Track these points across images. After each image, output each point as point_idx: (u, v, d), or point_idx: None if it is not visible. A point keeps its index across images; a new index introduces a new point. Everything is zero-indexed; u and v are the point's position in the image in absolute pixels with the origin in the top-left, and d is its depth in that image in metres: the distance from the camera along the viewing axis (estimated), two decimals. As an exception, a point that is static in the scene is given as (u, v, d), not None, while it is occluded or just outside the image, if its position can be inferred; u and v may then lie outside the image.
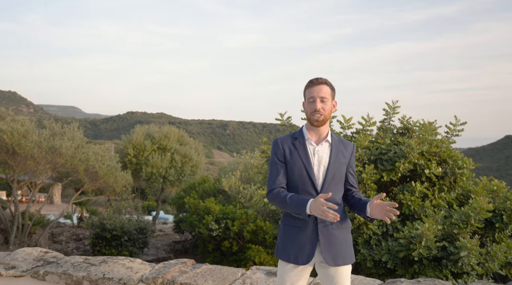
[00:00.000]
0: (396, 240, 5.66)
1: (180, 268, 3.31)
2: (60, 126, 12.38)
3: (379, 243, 5.87)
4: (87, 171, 11.83)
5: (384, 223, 5.93)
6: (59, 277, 3.22)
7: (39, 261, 3.50)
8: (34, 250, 3.70)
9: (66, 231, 14.28)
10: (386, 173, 6.23)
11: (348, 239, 2.65)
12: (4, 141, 10.71)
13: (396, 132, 7.09)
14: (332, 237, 2.57)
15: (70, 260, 3.48)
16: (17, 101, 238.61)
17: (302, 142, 2.70)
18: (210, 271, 3.27)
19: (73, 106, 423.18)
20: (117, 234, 11.56)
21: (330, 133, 2.72)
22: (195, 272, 3.24)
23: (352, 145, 2.74)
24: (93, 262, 3.41)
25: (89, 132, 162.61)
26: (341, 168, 2.65)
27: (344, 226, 2.65)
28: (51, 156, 11.05)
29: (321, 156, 2.66)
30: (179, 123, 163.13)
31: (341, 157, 2.67)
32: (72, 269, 3.27)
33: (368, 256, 5.89)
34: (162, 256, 13.55)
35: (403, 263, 5.73)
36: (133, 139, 15.87)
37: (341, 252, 2.58)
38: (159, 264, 3.38)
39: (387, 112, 7.22)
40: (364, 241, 6.05)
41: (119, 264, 3.36)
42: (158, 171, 15.13)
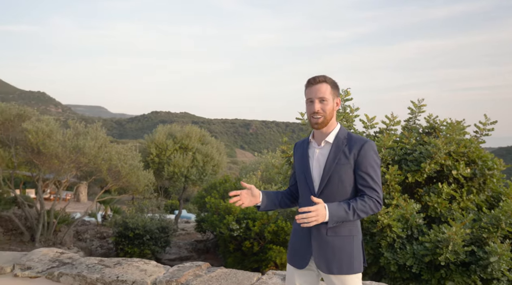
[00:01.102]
0: (421, 244, 5.48)
1: (194, 271, 3.22)
2: (84, 125, 12.50)
3: (404, 247, 5.69)
4: (110, 170, 11.90)
5: (409, 226, 5.75)
6: (73, 279, 3.18)
7: (55, 262, 3.47)
8: (50, 250, 3.67)
9: (91, 229, 14.44)
10: (411, 174, 6.05)
11: (348, 248, 2.45)
12: (29, 140, 10.85)
13: (421, 131, 6.90)
14: (325, 244, 2.44)
15: (85, 262, 3.43)
16: (45, 101, 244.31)
17: (306, 145, 2.63)
18: (225, 275, 3.17)
19: (99, 106, 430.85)
20: (140, 233, 11.60)
21: (336, 132, 2.55)
22: (209, 276, 3.15)
23: (362, 143, 2.49)
24: (108, 264, 3.36)
25: (114, 132, 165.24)
26: (340, 170, 2.46)
27: (343, 233, 2.46)
28: (75, 156, 11.15)
29: (319, 157, 2.54)
30: (202, 123, 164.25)
31: (342, 157, 2.47)
32: (86, 271, 3.22)
33: (392, 260, 5.72)
34: (184, 255, 13.56)
35: (429, 267, 5.54)
36: (155, 138, 15.93)
37: (335, 260, 2.42)
38: (174, 267, 3.30)
39: (412, 111, 7.03)
40: (387, 245, 5.87)
41: (133, 267, 3.30)
42: (180, 171, 15.15)
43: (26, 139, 10.97)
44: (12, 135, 11.85)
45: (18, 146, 11.69)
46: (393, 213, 5.62)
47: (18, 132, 11.62)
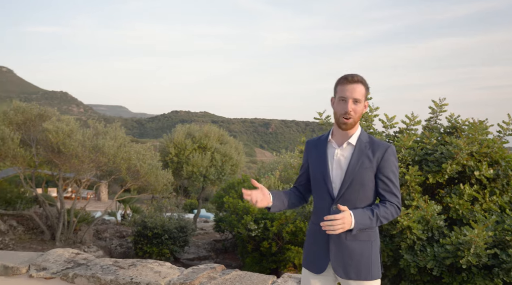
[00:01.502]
0: (442, 246, 5.36)
1: (209, 273, 3.18)
2: (103, 125, 12.61)
3: (424, 249, 5.58)
4: (129, 169, 11.98)
5: (429, 228, 5.64)
6: (87, 280, 3.17)
7: (70, 263, 3.47)
8: (66, 251, 3.68)
9: (110, 228, 14.57)
10: (431, 175, 5.93)
11: (366, 253, 2.40)
12: (49, 140, 10.99)
13: (443, 131, 6.77)
14: (344, 248, 2.38)
15: (99, 263, 3.42)
16: (68, 101, 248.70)
17: (323, 144, 2.51)
18: (240, 277, 3.12)
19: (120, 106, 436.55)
20: (158, 233, 11.65)
21: (358, 134, 2.47)
22: (224, 278, 3.10)
23: (386, 148, 2.43)
24: (122, 265, 3.34)
25: (135, 131, 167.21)
26: (363, 173, 2.39)
27: (362, 238, 2.40)
28: (94, 155, 11.26)
29: (340, 159, 2.45)
30: (221, 122, 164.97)
31: (366, 161, 2.40)
32: (100, 272, 3.21)
33: (412, 262, 5.61)
34: (202, 254, 13.57)
35: (450, 270, 5.41)
36: (174, 138, 16.00)
37: (354, 265, 2.37)
38: (188, 269, 3.27)
39: (434, 110, 6.90)
40: (407, 247, 5.77)
41: (147, 268, 3.28)
42: (199, 170, 15.17)
43: (47, 138, 11.11)
44: (33, 135, 12.03)
45: (39, 146, 11.85)
46: (413, 215, 5.52)
47: (39, 131, 11.79)
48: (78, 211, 12.98)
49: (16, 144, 11.26)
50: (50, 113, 12.52)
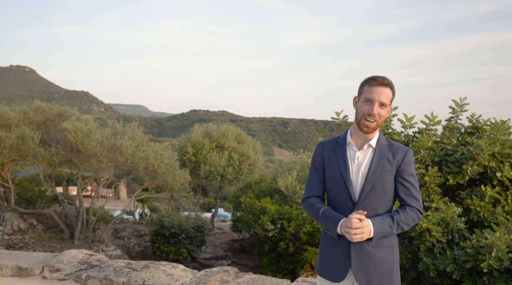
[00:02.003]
0: (462, 249, 5.23)
1: (222, 277, 3.14)
2: (122, 125, 12.71)
3: (444, 252, 5.46)
4: (146, 169, 12.05)
5: (449, 230, 5.51)
6: (100, 282, 3.16)
7: (83, 264, 3.46)
8: (80, 252, 3.68)
9: (129, 227, 14.67)
10: (452, 176, 5.79)
11: (388, 260, 2.31)
12: (68, 139, 11.12)
13: (464, 131, 6.61)
14: (366, 255, 2.28)
15: (113, 264, 3.41)
16: (89, 101, 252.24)
17: (342, 147, 2.40)
18: (253, 281, 3.08)
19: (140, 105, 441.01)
20: (175, 232, 11.68)
21: (377, 137, 2.38)
22: (237, 282, 3.06)
23: (406, 150, 2.37)
24: (135, 267, 3.32)
25: (154, 130, 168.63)
26: (384, 177, 2.30)
27: (385, 244, 2.31)
28: (112, 155, 11.34)
29: (361, 162, 2.35)
30: (240, 121, 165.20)
31: (386, 164, 2.31)
32: (113, 275, 3.19)
33: (431, 265, 5.49)
34: (220, 254, 13.57)
35: (471, 274, 5.28)
36: (192, 137, 16.05)
37: (376, 273, 2.27)
38: (201, 272, 3.23)
39: (454, 110, 6.75)
40: (426, 249, 5.65)
41: (160, 270, 3.25)
42: (216, 170, 15.18)
43: (66, 138, 11.24)
44: (53, 134, 12.20)
45: (58, 145, 12.00)
46: (433, 217, 5.40)
47: (58, 131, 11.94)
48: (96, 210, 13.11)
49: (36, 143, 11.42)
50: (69, 113, 12.68)
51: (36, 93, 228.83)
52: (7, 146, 11.20)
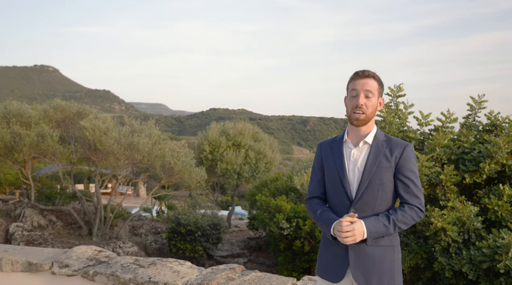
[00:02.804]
0: (479, 249, 5.11)
1: (227, 274, 3.13)
2: (139, 123, 12.83)
3: (460, 252, 5.35)
4: (163, 166, 12.13)
5: (465, 230, 5.39)
6: (107, 278, 3.18)
7: (92, 260, 3.49)
8: (89, 248, 3.71)
9: (146, 224, 14.80)
10: (468, 175, 5.67)
11: (389, 259, 2.26)
12: (86, 137, 11.27)
13: (481, 129, 6.47)
14: (364, 255, 2.23)
15: (120, 261, 3.43)
16: (110, 100, 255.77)
17: (339, 145, 2.38)
18: (259, 279, 3.05)
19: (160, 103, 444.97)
20: (191, 229, 11.73)
21: (373, 133, 2.35)
22: (242, 279, 3.04)
23: (404, 146, 2.31)
24: (142, 264, 3.33)
25: (174, 128, 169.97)
26: (381, 174, 2.25)
27: (384, 242, 2.26)
28: (129, 152, 11.46)
29: (356, 159, 2.31)
30: (259, 119, 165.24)
31: (384, 160, 2.26)
32: (120, 271, 3.21)
33: (447, 265, 5.39)
34: (236, 252, 13.58)
35: (487, 274, 5.16)
36: (208, 135, 16.10)
37: (376, 272, 2.22)
38: (207, 269, 3.22)
39: (472, 107, 6.61)
40: (442, 249, 5.54)
41: (166, 267, 3.25)
42: (233, 168, 15.19)
43: (84, 136, 11.39)
44: (72, 132, 12.38)
45: (76, 143, 12.17)
46: (448, 216, 5.29)
47: (77, 129, 12.11)
48: (114, 207, 13.26)
49: (55, 141, 11.60)
50: (87, 111, 12.85)
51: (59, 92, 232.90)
52: (27, 144, 11.41)
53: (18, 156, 11.83)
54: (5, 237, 11.12)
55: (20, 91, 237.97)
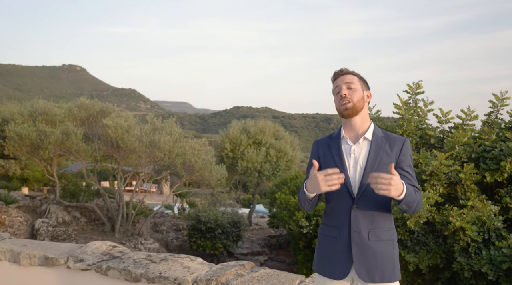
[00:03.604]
0: (499, 249, 5.01)
1: (237, 271, 3.15)
2: (160, 121, 12.97)
3: (479, 252, 5.25)
4: (184, 164, 12.25)
5: (485, 229, 5.28)
6: (119, 273, 3.24)
7: (106, 255, 3.56)
8: (104, 244, 3.78)
9: (168, 221, 14.95)
10: (489, 173, 5.56)
11: (389, 254, 2.28)
12: (109, 135, 11.47)
13: (504, 127, 6.33)
14: (367, 250, 2.24)
15: (133, 256, 3.49)
16: (136, 98, 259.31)
17: (337, 142, 2.38)
18: (267, 276, 3.06)
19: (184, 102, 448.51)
20: (211, 227, 11.80)
21: (372, 129, 2.35)
22: (251, 276, 3.05)
23: (403, 141, 2.33)
24: (154, 259, 3.39)
25: (198, 126, 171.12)
26: (382, 169, 2.24)
27: (385, 237, 2.28)
28: (151, 150, 11.60)
29: (357, 156, 2.31)
30: (283, 118, 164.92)
31: (384, 156, 2.27)
32: (132, 266, 3.26)
33: (466, 265, 5.30)
34: (256, 250, 13.60)
35: (508, 275, 5.05)
36: (229, 133, 16.16)
37: (378, 267, 2.23)
38: (217, 265, 3.25)
39: (494, 104, 6.48)
40: (461, 249, 5.45)
41: (177, 263, 3.29)
42: (253, 166, 15.22)
43: (106, 134, 11.59)
44: (95, 130, 12.61)
45: (100, 141, 12.39)
46: (467, 215, 5.19)
47: (100, 127, 12.32)
48: (136, 204, 13.45)
49: (79, 139, 11.84)
50: (110, 110, 13.06)
51: (86, 91, 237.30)
52: (52, 142, 11.66)
53: (44, 154, 12.11)
54: (31, 233, 11.41)
55: (49, 90, 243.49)
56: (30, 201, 14.97)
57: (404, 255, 5.73)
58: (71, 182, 13.79)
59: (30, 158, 12.90)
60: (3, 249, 3.85)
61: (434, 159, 5.50)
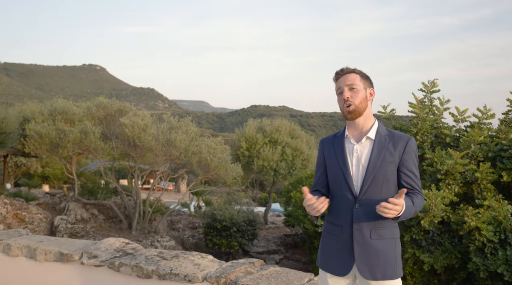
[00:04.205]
0: (516, 250, 4.94)
1: (246, 268, 3.17)
2: (177, 120, 13.09)
3: (495, 252, 5.17)
4: (199, 163, 12.35)
5: (502, 230, 5.21)
6: (131, 269, 3.29)
7: (119, 252, 3.62)
8: (117, 240, 3.85)
9: (184, 219, 15.09)
10: (506, 173, 5.47)
11: (391, 251, 2.29)
12: (126, 134, 11.62)
13: (522, 125, 6.21)
14: (369, 248, 2.26)
15: (145, 253, 3.54)
16: (154, 97, 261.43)
17: (340, 141, 2.39)
18: (277, 273, 3.08)
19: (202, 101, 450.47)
20: (227, 225, 11.86)
21: (375, 128, 2.36)
22: (260, 273, 3.08)
23: (407, 140, 2.32)
24: (166, 256, 3.43)
25: (215, 125, 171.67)
26: (385, 168, 2.26)
27: (387, 235, 2.29)
28: (167, 149, 11.72)
29: (360, 155, 2.32)
30: (300, 116, 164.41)
31: (387, 155, 2.27)
32: (144, 262, 3.32)
33: (482, 266, 5.23)
34: (272, 248, 13.63)
35: (525, 276, 4.97)
36: (245, 132, 16.21)
37: (380, 264, 2.25)
38: (228, 263, 3.28)
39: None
40: (476, 249, 5.38)
41: (188, 260, 3.34)
42: (269, 164, 15.25)
43: (124, 132, 11.75)
44: (113, 129, 12.78)
45: (117, 139, 12.56)
46: (483, 215, 5.12)
47: (117, 126, 12.49)
48: (153, 202, 13.60)
49: (96, 137, 12.03)
50: (128, 109, 13.23)
51: (106, 90, 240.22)
52: (71, 140, 11.88)
53: (63, 152, 12.34)
54: (50, 229, 11.63)
55: (70, 90, 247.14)
56: (50, 198, 15.27)
57: (418, 254, 5.69)
58: (90, 180, 14.00)
59: (50, 156, 13.14)
60: (20, 245, 3.94)
61: (449, 158, 5.44)
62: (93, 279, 3.50)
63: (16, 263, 3.95)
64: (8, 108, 16.24)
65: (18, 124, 14.54)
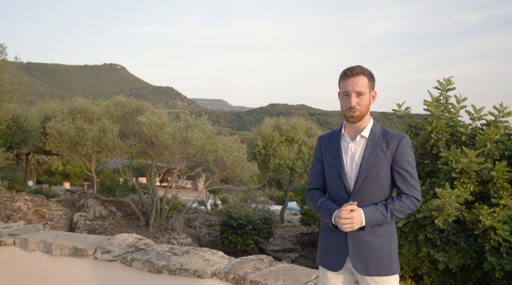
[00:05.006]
0: (532, 250, 4.87)
1: (255, 264, 3.21)
2: (194, 118, 13.19)
3: (511, 251, 5.11)
4: (216, 161, 12.43)
5: (517, 229, 5.14)
6: (143, 264, 3.36)
7: (131, 247, 3.70)
8: (130, 236, 3.92)
9: (201, 217, 15.19)
10: (523, 171, 5.40)
11: (386, 247, 2.33)
12: (143, 132, 11.77)
13: (540, 123, 6.11)
14: (362, 244, 2.31)
15: (156, 249, 3.61)
16: (173, 96, 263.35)
17: (337, 139, 2.46)
18: (285, 270, 3.11)
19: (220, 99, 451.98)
20: (242, 223, 11.91)
21: (370, 126, 2.41)
22: (268, 270, 3.11)
23: (400, 138, 2.36)
24: (177, 252, 3.49)
25: (234, 124, 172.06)
26: (378, 166, 2.31)
27: (381, 232, 2.34)
28: (183, 147, 11.83)
29: (354, 153, 2.38)
30: (319, 115, 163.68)
31: (380, 153, 2.32)
32: (155, 258, 3.38)
33: (497, 266, 5.17)
34: (288, 247, 13.63)
35: (541, 277, 4.90)
36: (262, 130, 16.24)
37: (374, 260, 2.30)
38: (237, 259, 3.33)
39: (530, 99, 6.23)
40: (492, 248, 5.31)
41: (198, 256, 3.39)
42: (286, 163, 15.26)
43: (141, 131, 11.90)
44: (131, 127, 12.95)
45: (135, 138, 12.72)
46: (498, 214, 5.06)
47: (135, 124, 12.65)
48: (170, 199, 13.73)
49: (115, 136, 12.20)
50: (145, 107, 13.39)
51: (126, 89, 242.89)
52: (90, 138, 12.08)
53: (82, 150, 12.56)
54: (69, 226, 11.85)
55: (91, 89, 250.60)
56: (70, 195, 15.55)
57: (433, 254, 5.64)
58: (108, 178, 14.22)
59: (70, 154, 13.38)
60: (36, 240, 4.05)
61: (464, 157, 5.38)
62: (106, 274, 3.58)
63: (32, 257, 4.06)
64: (30, 107, 16.62)
65: (39, 123, 14.86)
